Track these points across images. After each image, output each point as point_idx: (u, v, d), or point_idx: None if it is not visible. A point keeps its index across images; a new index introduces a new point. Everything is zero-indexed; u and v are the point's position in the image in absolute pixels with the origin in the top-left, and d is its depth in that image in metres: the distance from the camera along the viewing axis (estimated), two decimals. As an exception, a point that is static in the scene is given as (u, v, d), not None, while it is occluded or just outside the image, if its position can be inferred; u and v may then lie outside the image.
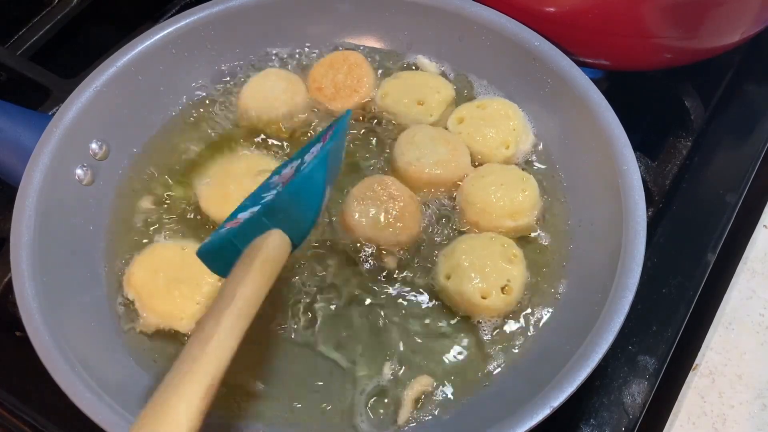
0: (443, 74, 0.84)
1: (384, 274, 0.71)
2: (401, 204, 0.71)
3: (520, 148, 0.78)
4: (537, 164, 0.78)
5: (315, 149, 0.59)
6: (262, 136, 0.79)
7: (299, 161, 0.60)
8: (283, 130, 0.80)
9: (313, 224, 0.54)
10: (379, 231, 0.70)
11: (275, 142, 0.79)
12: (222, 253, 0.53)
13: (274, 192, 0.55)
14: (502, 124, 0.78)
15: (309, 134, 0.80)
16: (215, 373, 0.42)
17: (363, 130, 0.81)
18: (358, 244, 0.71)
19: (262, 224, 0.51)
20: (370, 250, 0.71)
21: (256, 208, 0.54)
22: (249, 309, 0.46)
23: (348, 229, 0.72)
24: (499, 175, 0.74)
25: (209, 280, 0.67)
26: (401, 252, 0.71)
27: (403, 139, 0.76)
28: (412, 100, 0.80)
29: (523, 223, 0.72)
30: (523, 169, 0.76)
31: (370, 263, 0.71)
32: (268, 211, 0.51)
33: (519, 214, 0.72)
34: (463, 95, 0.83)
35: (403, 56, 0.86)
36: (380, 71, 0.84)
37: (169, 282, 0.68)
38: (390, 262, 0.71)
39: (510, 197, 0.72)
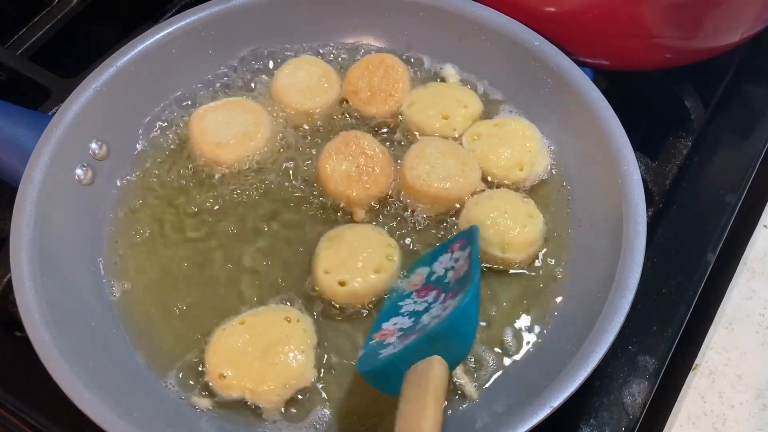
0: (469, 84, 0.83)
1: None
2: (372, 158, 0.73)
3: (535, 171, 0.76)
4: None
5: (443, 260, 0.66)
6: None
7: (428, 269, 0.67)
8: (318, 121, 0.81)
9: (467, 352, 0.59)
10: (350, 184, 0.72)
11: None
12: (385, 373, 0.58)
13: (412, 302, 0.63)
14: (519, 144, 0.76)
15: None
16: None
17: (386, 136, 0.80)
18: (331, 198, 0.74)
19: (424, 351, 0.56)
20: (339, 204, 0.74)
21: (401, 322, 0.61)
22: None
23: (321, 183, 0.74)
24: (508, 202, 0.72)
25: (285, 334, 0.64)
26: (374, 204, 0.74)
27: (413, 152, 0.75)
28: (437, 113, 0.78)
29: (510, 257, 0.70)
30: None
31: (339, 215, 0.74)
32: (430, 340, 0.57)
33: (510, 247, 0.69)
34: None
35: (428, 64, 0.85)
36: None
37: (261, 355, 0.63)
38: (358, 213, 0.73)
39: (506, 225, 0.69)
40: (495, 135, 0.77)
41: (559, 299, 0.69)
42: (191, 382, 0.65)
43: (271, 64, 0.85)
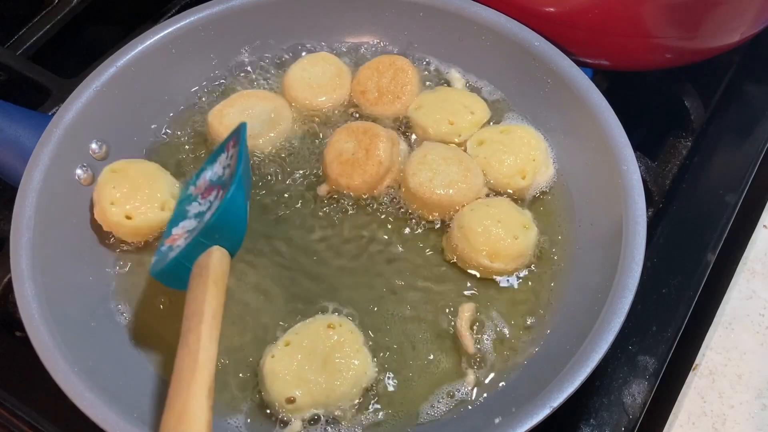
0: (474, 88, 0.83)
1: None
2: (364, 157, 0.73)
3: (537, 180, 0.75)
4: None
5: (222, 159, 0.70)
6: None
7: (210, 171, 0.70)
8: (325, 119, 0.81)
9: (242, 237, 0.64)
10: (335, 166, 0.74)
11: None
12: (175, 272, 0.62)
13: (197, 204, 0.67)
14: (523, 152, 0.75)
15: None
16: (210, 374, 0.53)
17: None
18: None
19: (203, 245, 0.62)
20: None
21: (188, 224, 0.66)
22: (216, 319, 0.57)
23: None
24: (504, 212, 0.71)
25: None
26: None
27: (415, 158, 0.74)
28: (443, 118, 0.78)
29: (497, 267, 0.69)
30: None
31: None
32: (205, 234, 0.62)
33: (498, 257, 0.69)
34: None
35: (433, 65, 0.85)
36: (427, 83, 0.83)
37: (322, 367, 0.64)
38: (321, 190, 0.76)
39: (497, 235, 0.69)
40: (499, 141, 0.76)
41: (558, 299, 0.69)
42: (260, 423, 0.64)
43: (271, 64, 0.85)
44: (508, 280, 0.70)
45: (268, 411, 0.64)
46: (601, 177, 0.72)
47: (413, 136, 0.80)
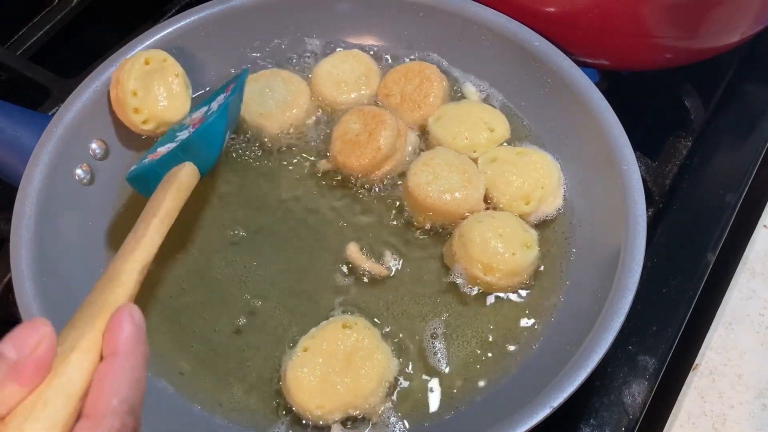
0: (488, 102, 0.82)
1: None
2: (366, 140, 0.74)
3: (542, 209, 0.73)
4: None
5: (220, 98, 0.74)
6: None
7: (207, 107, 0.74)
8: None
9: (215, 160, 0.71)
10: (338, 144, 0.76)
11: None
12: (147, 179, 0.67)
13: (187, 132, 0.71)
14: (532, 178, 0.72)
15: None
16: (147, 259, 0.56)
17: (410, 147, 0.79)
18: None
19: (178, 157, 0.67)
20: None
21: (173, 144, 0.69)
22: (168, 218, 0.61)
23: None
24: (508, 226, 0.69)
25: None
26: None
27: (421, 159, 0.74)
28: (460, 132, 0.76)
29: (490, 281, 0.68)
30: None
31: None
32: (182, 148, 0.67)
33: (491, 271, 0.67)
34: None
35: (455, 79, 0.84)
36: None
37: (345, 368, 0.63)
38: (323, 164, 0.77)
39: (495, 248, 0.67)
40: (511, 162, 0.74)
41: (558, 299, 0.69)
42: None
43: (271, 64, 0.85)
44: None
45: (303, 421, 0.63)
46: (601, 177, 0.72)
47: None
